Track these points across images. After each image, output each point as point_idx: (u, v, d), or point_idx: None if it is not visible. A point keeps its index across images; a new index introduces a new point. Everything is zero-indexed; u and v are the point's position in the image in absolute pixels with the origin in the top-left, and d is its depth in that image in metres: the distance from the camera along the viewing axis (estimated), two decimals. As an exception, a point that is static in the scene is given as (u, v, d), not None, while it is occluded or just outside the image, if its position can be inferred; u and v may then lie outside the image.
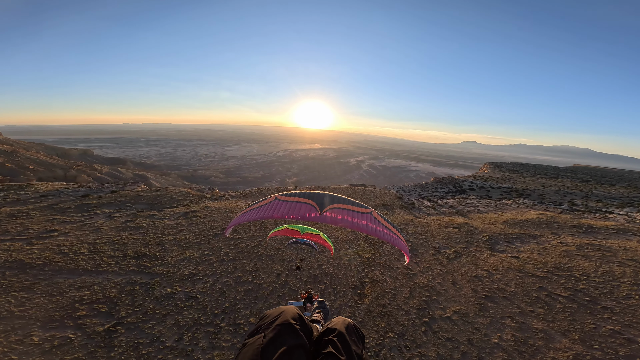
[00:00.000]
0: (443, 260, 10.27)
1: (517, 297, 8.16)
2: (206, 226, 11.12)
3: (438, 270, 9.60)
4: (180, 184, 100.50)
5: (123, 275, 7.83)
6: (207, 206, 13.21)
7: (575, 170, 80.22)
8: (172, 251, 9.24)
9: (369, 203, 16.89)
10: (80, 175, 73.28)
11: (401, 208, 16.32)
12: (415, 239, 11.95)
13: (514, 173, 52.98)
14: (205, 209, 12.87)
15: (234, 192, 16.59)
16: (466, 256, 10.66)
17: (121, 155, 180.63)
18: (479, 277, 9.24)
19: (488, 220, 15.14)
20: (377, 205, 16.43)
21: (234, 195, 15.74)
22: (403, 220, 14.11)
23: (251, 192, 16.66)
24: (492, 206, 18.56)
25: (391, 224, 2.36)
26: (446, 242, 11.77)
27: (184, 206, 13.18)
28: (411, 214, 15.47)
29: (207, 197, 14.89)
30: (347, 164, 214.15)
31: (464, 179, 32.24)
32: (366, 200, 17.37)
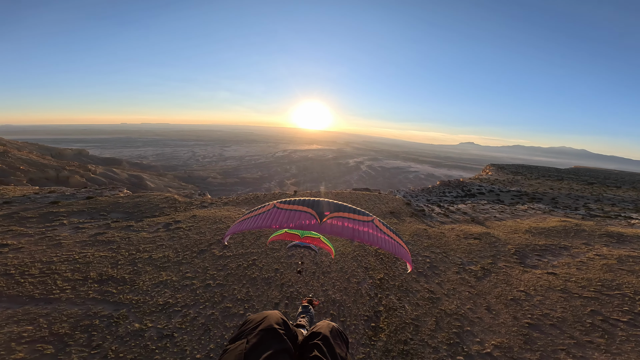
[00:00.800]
0: (470, 280, 8.77)
1: (567, 324, 6.74)
2: (191, 240, 9.53)
3: (466, 292, 8.11)
4: (177, 185, 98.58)
5: (80, 305, 6.26)
6: (194, 215, 11.63)
7: (577, 172, 79.33)
8: (146, 273, 7.66)
9: (375, 210, 15.42)
10: (73, 176, 71.29)
11: (411, 216, 14.83)
12: (433, 253, 10.44)
13: (519, 175, 51.73)
14: (192, 218, 11.29)
15: (226, 198, 15.00)
16: (496, 273, 9.17)
17: (118, 155, 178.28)
18: (517, 299, 7.78)
19: (508, 229, 13.68)
20: (384, 213, 14.93)
21: (226, 202, 14.17)
22: (415, 231, 12.61)
23: (246, 198, 15.10)
24: (508, 212, 17.12)
25: (393, 232, 2.23)
26: (469, 257, 10.27)
27: (167, 215, 11.58)
28: (423, 223, 13.98)
29: (196, 204, 13.30)
30: (346, 165, 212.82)
31: (471, 182, 30.84)
32: (372, 207, 15.88)
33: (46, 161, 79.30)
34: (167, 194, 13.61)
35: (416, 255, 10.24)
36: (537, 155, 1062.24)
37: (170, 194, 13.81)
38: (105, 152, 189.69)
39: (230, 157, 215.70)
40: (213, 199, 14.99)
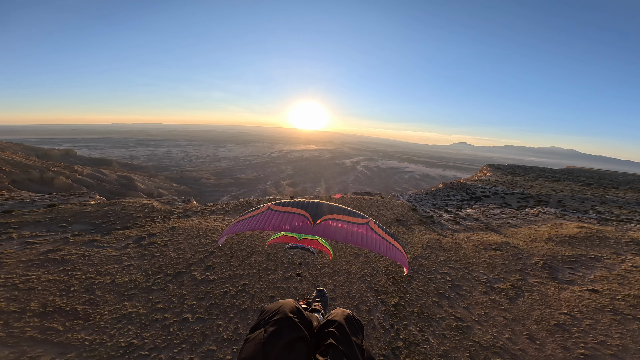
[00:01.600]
0: (502, 301, 7.42)
1: (630, 352, 5.49)
2: (166, 260, 7.94)
3: (500, 317, 6.75)
4: (168, 186, 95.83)
5: (12, 347, 4.73)
6: (173, 227, 10.02)
7: (571, 173, 79.72)
8: (106, 303, 6.07)
9: (380, 217, 14.04)
10: (58, 178, 68.27)
11: (420, 223, 13.49)
12: (453, 269, 9.07)
13: (517, 176, 51.18)
14: (171, 231, 9.69)
15: (214, 205, 13.38)
16: (529, 292, 7.85)
17: (108, 156, 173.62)
18: (562, 325, 6.46)
19: (527, 237, 12.44)
20: (390, 221, 13.57)
21: (213, 210, 12.57)
22: (427, 242, 11.25)
23: (236, 205, 13.52)
24: (520, 217, 15.96)
25: (389, 234, 2.13)
26: (494, 272, 8.94)
27: (141, 227, 9.93)
28: (434, 232, 12.64)
29: (178, 212, 11.66)
30: (343, 165, 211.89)
31: (473, 183, 29.78)
32: (376, 213, 14.50)
33: (30, 162, 75.93)
34: (145, 201, 11.94)
35: (434, 273, 8.87)
36: (528, 156, 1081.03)
37: (149, 201, 12.14)
38: (94, 153, 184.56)
39: (224, 158, 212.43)
40: (198, 206, 13.36)
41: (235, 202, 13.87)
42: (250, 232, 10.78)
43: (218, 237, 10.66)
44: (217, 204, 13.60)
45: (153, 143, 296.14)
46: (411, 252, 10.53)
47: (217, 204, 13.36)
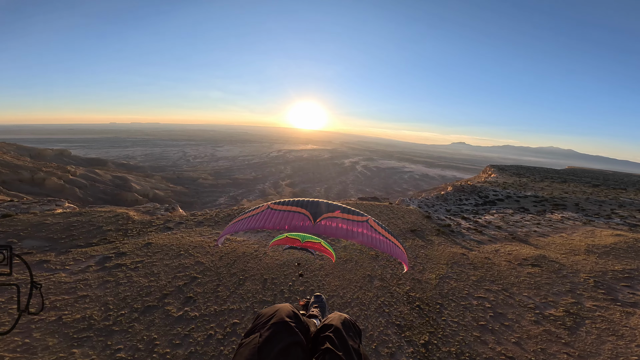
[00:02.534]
0: (560, 333, 5.85)
1: None
2: (134, 288, 6.30)
3: (563, 355, 5.21)
4: (164, 187, 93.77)
5: None
6: (149, 243, 8.39)
7: (575, 173, 78.59)
8: (46, 351, 4.46)
9: (392, 228, 12.48)
10: (50, 178, 66.23)
11: (438, 234, 11.94)
12: (490, 292, 7.48)
13: (523, 177, 49.77)
14: (145, 249, 8.06)
15: (202, 215, 11.70)
16: (591, 320, 6.29)
17: (104, 155, 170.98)
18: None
19: (563, 249, 10.90)
20: (404, 231, 12.02)
21: (201, 221, 10.93)
22: (452, 257, 9.69)
23: (228, 214, 11.87)
24: (545, 224, 14.45)
25: (389, 232, 2.17)
26: (540, 295, 7.36)
27: (110, 243, 8.28)
28: (456, 244, 11.08)
29: (157, 224, 10.00)
30: (342, 165, 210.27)
31: (482, 186, 28.28)
32: (385, 222, 12.94)
33: (21, 162, 73.76)
34: (120, 210, 10.26)
35: (468, 298, 7.28)
36: (526, 155, 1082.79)
37: (124, 211, 10.44)
38: (90, 153, 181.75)
39: (222, 158, 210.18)
40: (184, 215, 11.68)
41: (228, 211, 12.21)
42: (243, 251, 9.20)
43: (202, 256, 9.05)
44: (205, 213, 11.93)
45: (150, 143, 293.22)
46: (435, 271, 8.95)
47: (205, 214, 11.70)
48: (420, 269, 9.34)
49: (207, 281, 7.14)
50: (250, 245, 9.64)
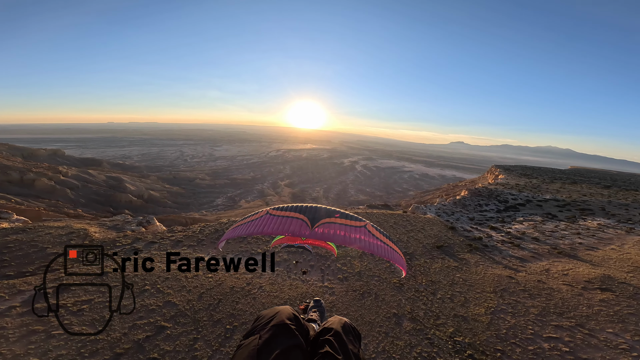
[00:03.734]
0: None
1: None
2: (73, 344, 4.31)
3: None
4: (160, 187, 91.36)
5: None
6: (104, 272, 6.22)
7: (580, 173, 76.99)
8: None
9: (413, 243, 10.46)
10: (40, 179, 63.80)
11: (470, 250, 9.94)
12: (562, 329, 5.44)
13: (532, 178, 47.88)
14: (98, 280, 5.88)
15: (182, 231, 9.53)
16: None
17: (100, 155, 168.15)
18: None
19: (625, 265, 8.87)
20: (428, 248, 10.01)
21: (180, 239, 8.81)
22: (497, 281, 7.71)
23: (216, 230, 9.76)
24: (585, 234, 12.50)
25: (386, 236, 2.20)
26: (629, 331, 5.37)
27: (52, 272, 6.13)
28: (495, 263, 9.10)
29: (124, 244, 7.88)
30: (341, 165, 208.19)
31: (496, 188, 26.28)
32: (405, 237, 10.91)
33: (11, 163, 71.22)
34: (78, 226, 8.12)
35: (535, 339, 5.21)
36: (525, 155, 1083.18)
37: (83, 226, 8.32)
38: (86, 152, 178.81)
39: (220, 157, 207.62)
40: (159, 232, 9.55)
41: (215, 225, 10.09)
42: (231, 285, 7.12)
43: (176, 293, 6.95)
44: (187, 229, 9.80)
45: (148, 142, 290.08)
46: (483, 303, 6.91)
47: (186, 230, 9.58)
48: (462, 301, 7.31)
49: (179, 333, 5.09)
50: (242, 276, 7.56)
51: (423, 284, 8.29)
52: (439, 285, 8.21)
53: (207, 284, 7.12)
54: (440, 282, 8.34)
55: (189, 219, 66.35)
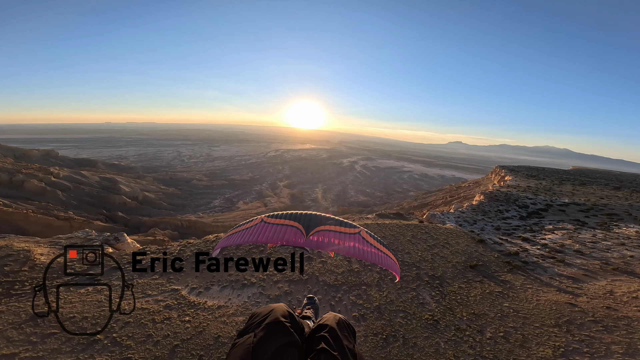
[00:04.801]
0: None
1: None
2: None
3: None
4: (155, 189, 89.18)
5: None
6: (41, 312, 4.39)
7: (585, 174, 75.83)
8: None
9: (440, 262, 8.69)
10: (29, 181, 61.54)
11: (510, 269, 8.21)
12: None
13: (541, 180, 46.30)
14: (28, 325, 4.07)
15: (155, 253, 7.62)
16: None
17: (96, 156, 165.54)
18: None
19: None
20: (459, 267, 8.26)
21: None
22: (555, 309, 6.02)
23: (199, 250, 7.85)
24: (630, 244, 10.81)
25: (381, 243, 2.18)
26: None
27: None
28: (544, 284, 7.41)
29: (79, 270, 6.00)
30: (341, 165, 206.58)
31: (509, 191, 24.60)
32: (429, 255, 9.12)
33: (0, 163, 68.91)
34: (20, 245, 6.18)
35: None
36: (523, 155, 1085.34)
37: (28, 245, 6.39)
38: (82, 153, 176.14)
39: (218, 158, 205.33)
40: (128, 251, 7.63)
41: (199, 244, 8.17)
42: (216, 333, 5.29)
43: (138, 346, 5.09)
44: (162, 248, 7.92)
45: (145, 142, 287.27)
46: (548, 342, 5.20)
47: (164, 249, 7.70)
48: (520, 340, 5.55)
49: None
50: (231, 318, 5.73)
51: (464, 318, 6.48)
52: (486, 320, 6.42)
53: (183, 331, 5.28)
54: (486, 315, 6.55)
55: (185, 221, 64.27)
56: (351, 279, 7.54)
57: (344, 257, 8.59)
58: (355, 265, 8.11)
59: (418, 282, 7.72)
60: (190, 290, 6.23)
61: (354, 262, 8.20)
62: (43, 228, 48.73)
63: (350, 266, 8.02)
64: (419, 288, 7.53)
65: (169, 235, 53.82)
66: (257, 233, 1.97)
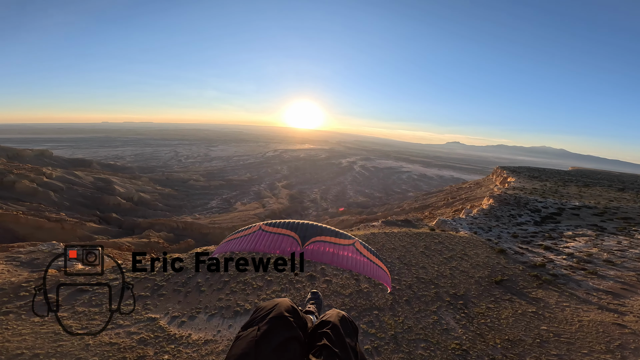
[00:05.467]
0: None
1: None
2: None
3: None
4: (151, 189, 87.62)
5: None
6: None
7: (586, 175, 75.52)
8: None
9: (460, 278, 7.69)
10: (21, 181, 59.92)
11: (540, 284, 7.23)
12: None
13: (545, 181, 45.57)
14: None
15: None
16: None
17: (92, 155, 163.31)
18: None
19: None
20: (484, 284, 7.27)
21: (127, 283, 5.86)
22: (603, 330, 5.11)
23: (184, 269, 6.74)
24: None
25: (374, 254, 2.22)
26: None
27: None
28: (582, 301, 6.41)
29: (36, 289, 4.92)
30: (339, 165, 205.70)
31: (517, 194, 23.69)
32: (447, 268, 8.12)
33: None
34: None
35: None
36: (520, 155, 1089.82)
37: None
38: (78, 153, 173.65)
39: (216, 158, 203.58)
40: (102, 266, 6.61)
41: (185, 261, 7.07)
42: None
43: None
44: (144, 265, 6.83)
45: (142, 142, 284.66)
46: None
47: (143, 266, 6.52)
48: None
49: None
50: (221, 357, 4.66)
51: (498, 346, 5.50)
52: (523, 347, 5.45)
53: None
54: (522, 342, 5.57)
55: (181, 222, 62.87)
56: (360, 301, 6.51)
57: (351, 276, 7.53)
58: (364, 284, 7.08)
59: (439, 303, 6.71)
60: (171, 320, 5.15)
61: (363, 281, 7.18)
62: (34, 230, 47.26)
63: (359, 286, 6.98)
64: (441, 310, 6.51)
65: (164, 238, 52.47)
66: (255, 241, 2.02)
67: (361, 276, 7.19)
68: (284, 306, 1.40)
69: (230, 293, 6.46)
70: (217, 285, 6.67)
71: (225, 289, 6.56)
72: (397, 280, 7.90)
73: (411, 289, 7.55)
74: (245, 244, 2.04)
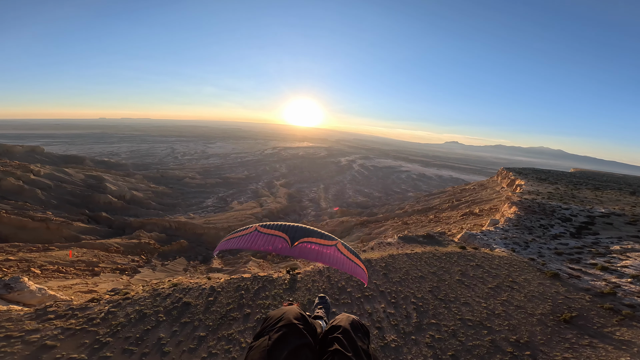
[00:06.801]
0: None
1: None
2: None
3: None
4: (144, 187, 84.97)
5: None
6: None
7: (591, 177, 73.98)
8: None
9: (520, 316, 5.66)
10: (6, 179, 57.23)
11: (619, 319, 5.23)
12: None
13: (554, 184, 43.68)
14: None
15: (70, 311, 4.45)
16: None
17: (87, 152, 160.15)
18: None
19: None
20: (548, 324, 5.24)
21: (54, 335, 3.71)
22: None
23: (137, 315, 4.61)
24: None
25: (354, 254, 2.44)
26: None
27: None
28: None
29: None
30: (339, 164, 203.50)
31: (536, 199, 21.64)
32: (499, 303, 6.07)
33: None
34: None
35: None
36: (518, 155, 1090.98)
37: None
38: (72, 149, 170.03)
39: (213, 155, 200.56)
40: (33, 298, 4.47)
41: (138, 305, 4.97)
42: None
43: None
44: (83, 307, 4.71)
45: (138, 139, 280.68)
46: None
47: (79, 309, 4.49)
48: None
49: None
50: None
51: None
52: None
53: None
54: None
55: (174, 222, 60.47)
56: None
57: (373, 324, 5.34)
58: (391, 334, 4.95)
59: (499, 357, 4.58)
60: None
61: (387, 331, 5.03)
62: (17, 230, 44.79)
63: (384, 338, 4.83)
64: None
65: (156, 238, 50.14)
66: (251, 240, 2.30)
67: (385, 330, 4.94)
68: (292, 313, 1.43)
69: (209, 357, 4.30)
70: (189, 343, 4.51)
71: (201, 350, 4.38)
72: (436, 325, 5.73)
73: (456, 338, 5.23)
74: (243, 243, 2.28)
